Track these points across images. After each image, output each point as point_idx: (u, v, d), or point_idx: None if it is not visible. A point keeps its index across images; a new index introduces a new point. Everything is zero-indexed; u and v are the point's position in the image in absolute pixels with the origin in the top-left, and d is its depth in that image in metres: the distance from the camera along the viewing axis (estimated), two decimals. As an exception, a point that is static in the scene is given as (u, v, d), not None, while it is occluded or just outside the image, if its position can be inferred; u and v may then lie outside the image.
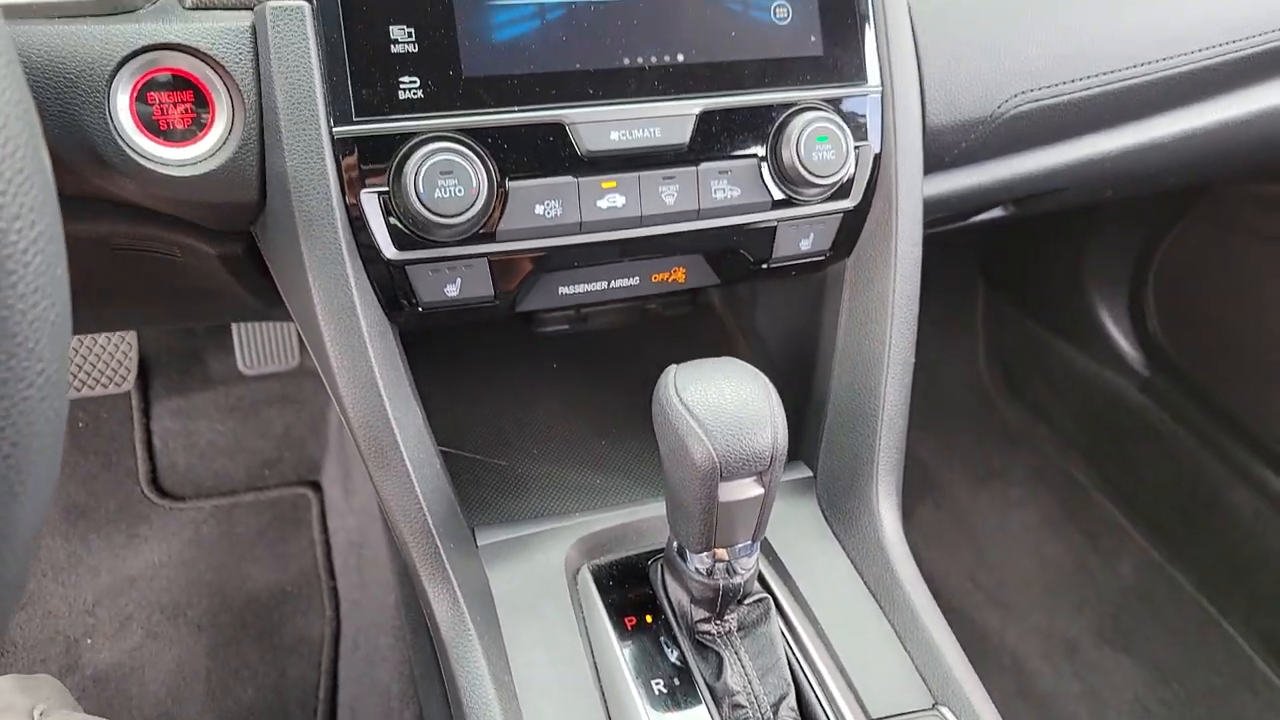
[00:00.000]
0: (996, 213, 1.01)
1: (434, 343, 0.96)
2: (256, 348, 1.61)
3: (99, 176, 0.64)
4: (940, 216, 0.92)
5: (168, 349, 1.60)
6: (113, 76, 0.61)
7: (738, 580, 0.67)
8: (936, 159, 0.81)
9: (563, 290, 0.75)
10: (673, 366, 0.65)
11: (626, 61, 0.69)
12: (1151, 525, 1.61)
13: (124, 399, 1.58)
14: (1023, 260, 1.83)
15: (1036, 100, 0.81)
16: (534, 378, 0.95)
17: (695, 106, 0.70)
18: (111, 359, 1.56)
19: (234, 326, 1.63)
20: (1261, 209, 1.46)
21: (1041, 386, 1.83)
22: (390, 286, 0.68)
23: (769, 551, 0.77)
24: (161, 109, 0.63)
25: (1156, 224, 1.63)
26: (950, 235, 1.04)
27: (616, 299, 0.78)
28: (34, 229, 0.34)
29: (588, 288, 0.76)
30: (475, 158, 0.64)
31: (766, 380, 0.62)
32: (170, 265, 0.77)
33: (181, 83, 0.63)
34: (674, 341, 0.99)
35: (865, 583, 0.74)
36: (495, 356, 0.97)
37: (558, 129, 0.67)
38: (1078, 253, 1.73)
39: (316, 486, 1.60)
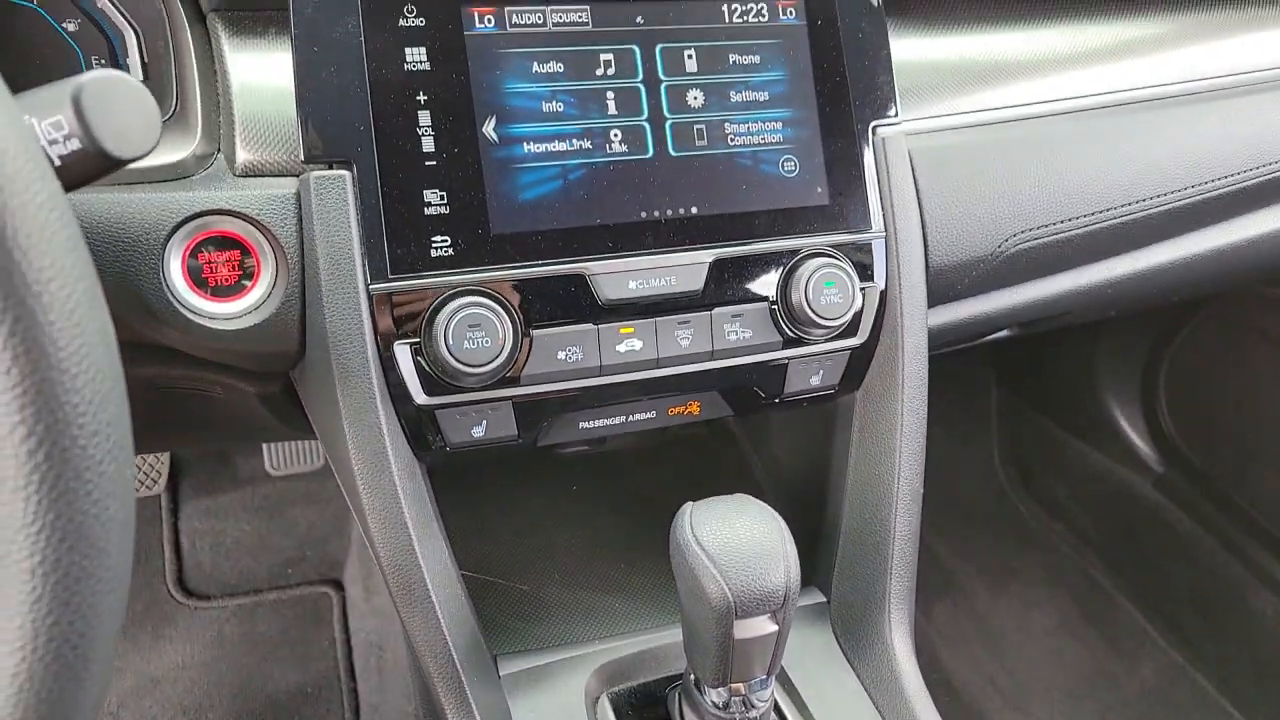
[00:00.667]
0: (1003, 333, 1.04)
1: (455, 465, 0.99)
2: (284, 450, 1.65)
3: (148, 327, 0.68)
4: (947, 341, 0.96)
5: (198, 453, 1.64)
6: (168, 239, 0.66)
7: (754, 714, 0.69)
8: (941, 293, 0.84)
9: (583, 425, 0.79)
10: (689, 505, 0.68)
11: (643, 215, 0.73)
12: (1172, 627, 1.60)
13: (154, 500, 1.62)
14: (1035, 359, 1.85)
15: (1036, 238, 0.85)
16: (554, 499, 0.98)
17: (708, 255, 0.74)
18: (143, 463, 1.60)
19: (263, 434, 1.67)
20: (1270, 310, 1.48)
21: (1057, 485, 1.83)
22: (419, 428, 0.71)
23: (784, 680, 0.78)
24: (211, 267, 0.68)
25: (1166, 325, 1.66)
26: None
27: (634, 430, 0.81)
28: (109, 440, 0.38)
29: (607, 422, 0.79)
30: (501, 310, 0.68)
31: (780, 519, 0.65)
32: (209, 401, 0.82)
33: (229, 242, 0.68)
34: (690, 460, 1.02)
35: (881, 715, 0.75)
36: (515, 477, 1.00)
37: (579, 280, 0.71)
38: (1089, 352, 1.75)
39: (338, 585, 1.62)
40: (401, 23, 0.68)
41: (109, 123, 0.47)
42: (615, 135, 0.73)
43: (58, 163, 0.48)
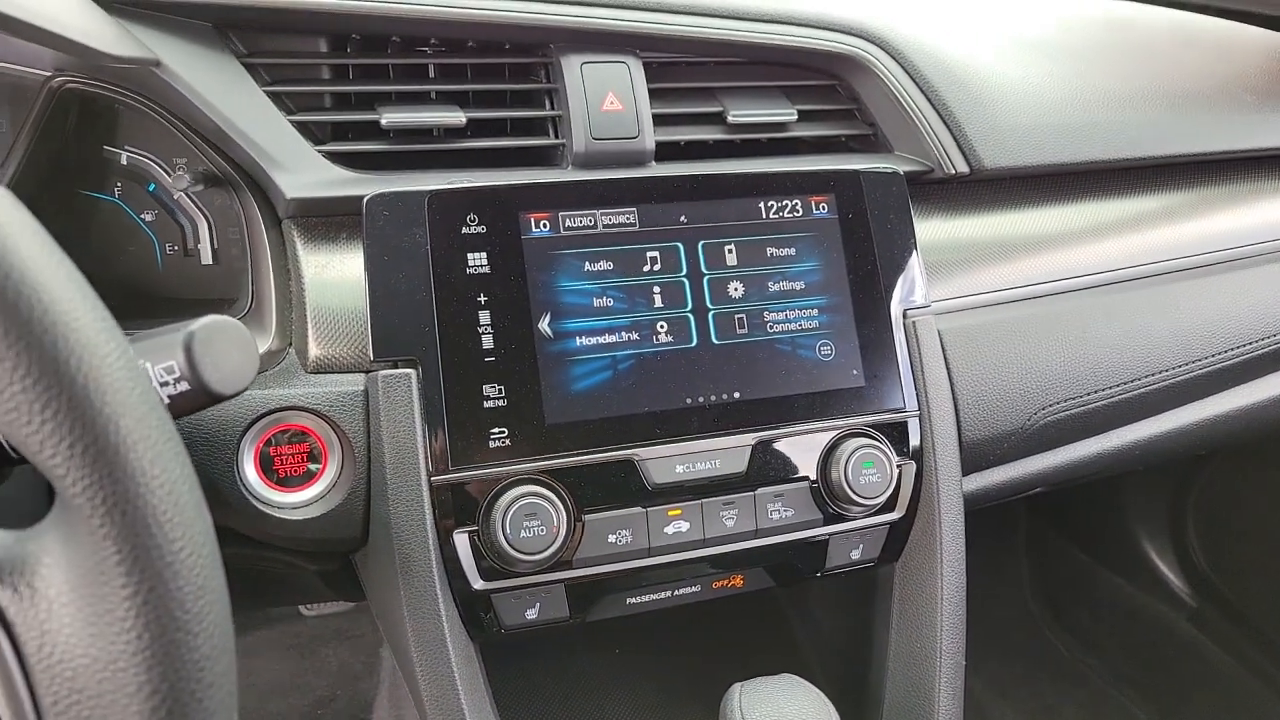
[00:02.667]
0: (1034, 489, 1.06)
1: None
2: (318, 589, 1.67)
3: (217, 514, 0.72)
4: (979, 502, 0.98)
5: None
6: (243, 434, 0.70)
7: None
8: (974, 463, 0.87)
9: (630, 601, 0.81)
10: (737, 687, 0.69)
11: (688, 401, 0.77)
12: (1215, 767, 1.56)
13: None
14: (1063, 490, 1.86)
15: (1064, 410, 0.88)
16: (599, 662, 0.99)
17: (751, 439, 0.78)
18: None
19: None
20: (1296, 443, 1.49)
21: (1089, 617, 1.82)
22: (475, 611, 0.73)
23: None
24: (280, 459, 0.71)
25: (1193, 456, 1.67)
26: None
27: (679, 604, 0.83)
28: (223, 690, 0.41)
29: (653, 597, 0.81)
30: (555, 498, 0.71)
31: (829, 704, 0.66)
32: (266, 574, 0.84)
33: (299, 435, 0.72)
34: (732, 618, 1.04)
35: None
36: (560, 640, 1.01)
37: (628, 465, 0.75)
38: (1116, 481, 1.76)
39: (368, 726, 1.61)
40: (464, 230, 0.74)
41: (215, 365, 0.52)
42: (661, 326, 0.77)
43: (166, 401, 0.52)
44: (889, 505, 0.81)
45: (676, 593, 0.82)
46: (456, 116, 0.79)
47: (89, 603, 0.38)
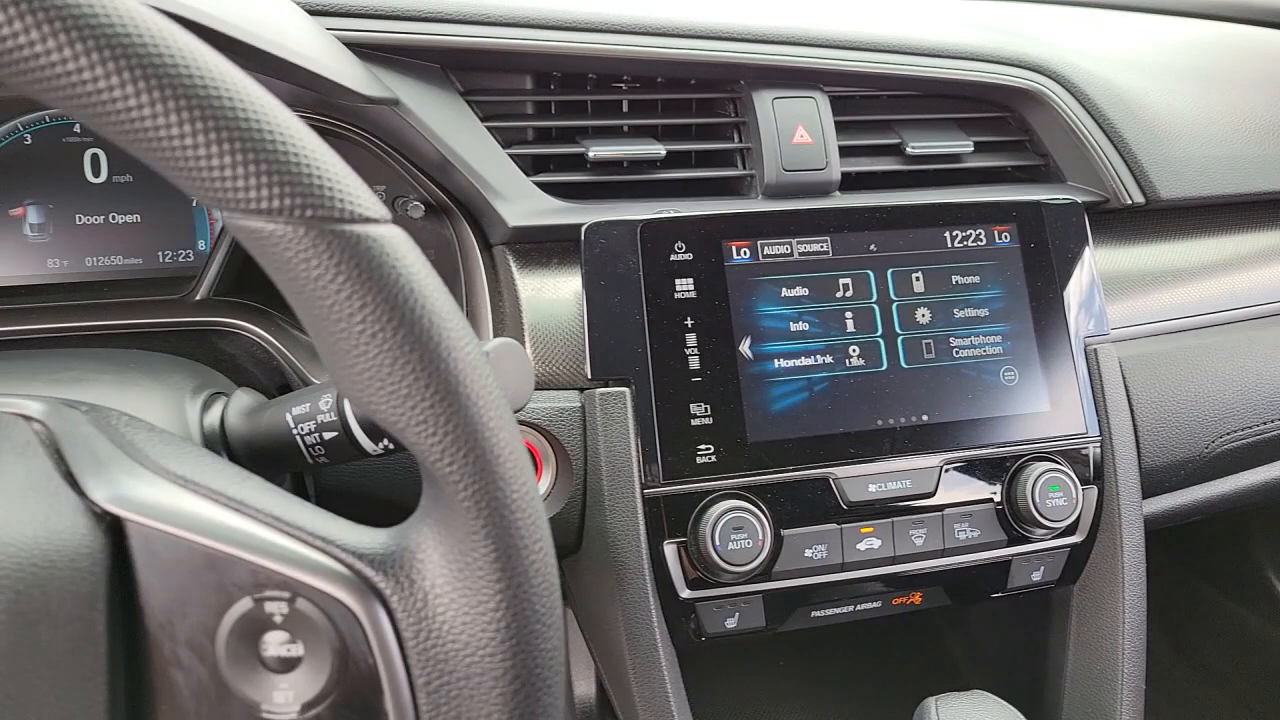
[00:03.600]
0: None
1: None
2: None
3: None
4: (1158, 526, 0.99)
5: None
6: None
7: None
8: (1152, 489, 0.89)
9: (814, 614, 0.84)
10: (931, 701, 0.72)
11: (879, 423, 0.80)
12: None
13: None
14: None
15: (1241, 439, 0.89)
16: (764, 674, 1.02)
17: (939, 460, 0.80)
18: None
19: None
20: None
21: (1211, 648, 1.79)
22: (677, 618, 0.77)
23: None
24: (501, 470, 0.76)
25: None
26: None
27: (859, 619, 0.86)
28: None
29: (836, 611, 0.84)
30: (760, 513, 0.75)
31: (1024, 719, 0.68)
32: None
33: (518, 448, 0.76)
34: (886, 634, 1.06)
35: None
36: (721, 653, 1.04)
37: (825, 483, 0.78)
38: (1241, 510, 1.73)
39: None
40: (673, 257, 0.78)
41: (505, 383, 0.56)
42: (854, 350, 0.80)
43: None
44: (1071, 528, 0.83)
45: (858, 607, 0.85)
46: (656, 149, 0.84)
47: (462, 595, 0.43)
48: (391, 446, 0.59)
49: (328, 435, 0.59)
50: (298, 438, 0.60)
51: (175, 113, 0.36)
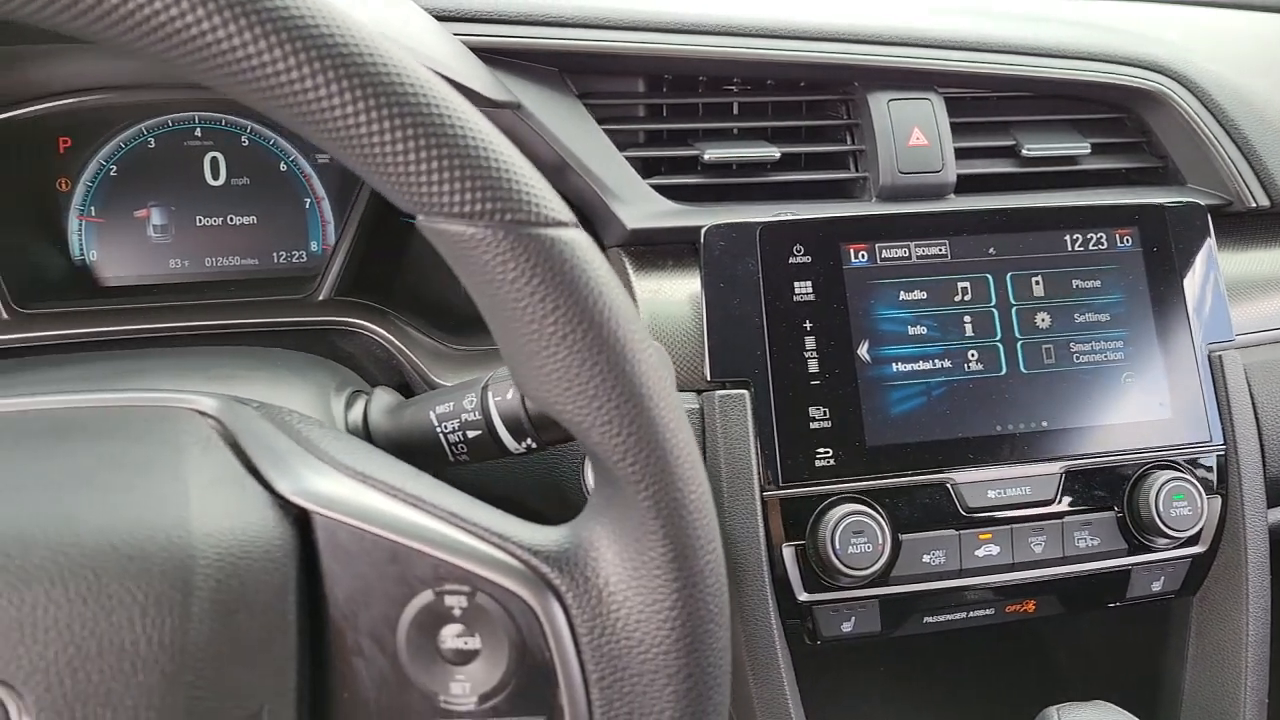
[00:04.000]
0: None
1: None
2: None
3: (564, 515, 0.78)
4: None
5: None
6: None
7: None
8: (1278, 500, 0.86)
9: (927, 620, 0.83)
10: (1052, 711, 0.71)
11: (999, 428, 0.79)
12: None
13: None
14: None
15: (1370, 449, 0.86)
16: (869, 679, 1.01)
17: (1059, 467, 0.79)
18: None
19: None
20: None
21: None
22: (794, 622, 0.77)
23: None
24: (619, 470, 0.77)
25: None
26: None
27: (970, 626, 0.85)
28: None
29: (949, 618, 0.83)
30: (879, 517, 0.75)
31: None
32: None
33: (635, 449, 0.77)
34: (992, 642, 1.04)
35: None
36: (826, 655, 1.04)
37: (943, 489, 0.77)
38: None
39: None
40: (791, 260, 0.78)
41: None
42: (972, 355, 0.80)
43: None
44: (1194, 538, 0.81)
45: (971, 614, 0.84)
46: (770, 151, 0.84)
47: (636, 593, 0.43)
48: (534, 445, 0.60)
49: (471, 434, 0.60)
50: (441, 435, 0.61)
51: (384, 120, 0.37)
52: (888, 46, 0.85)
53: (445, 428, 0.61)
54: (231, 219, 0.95)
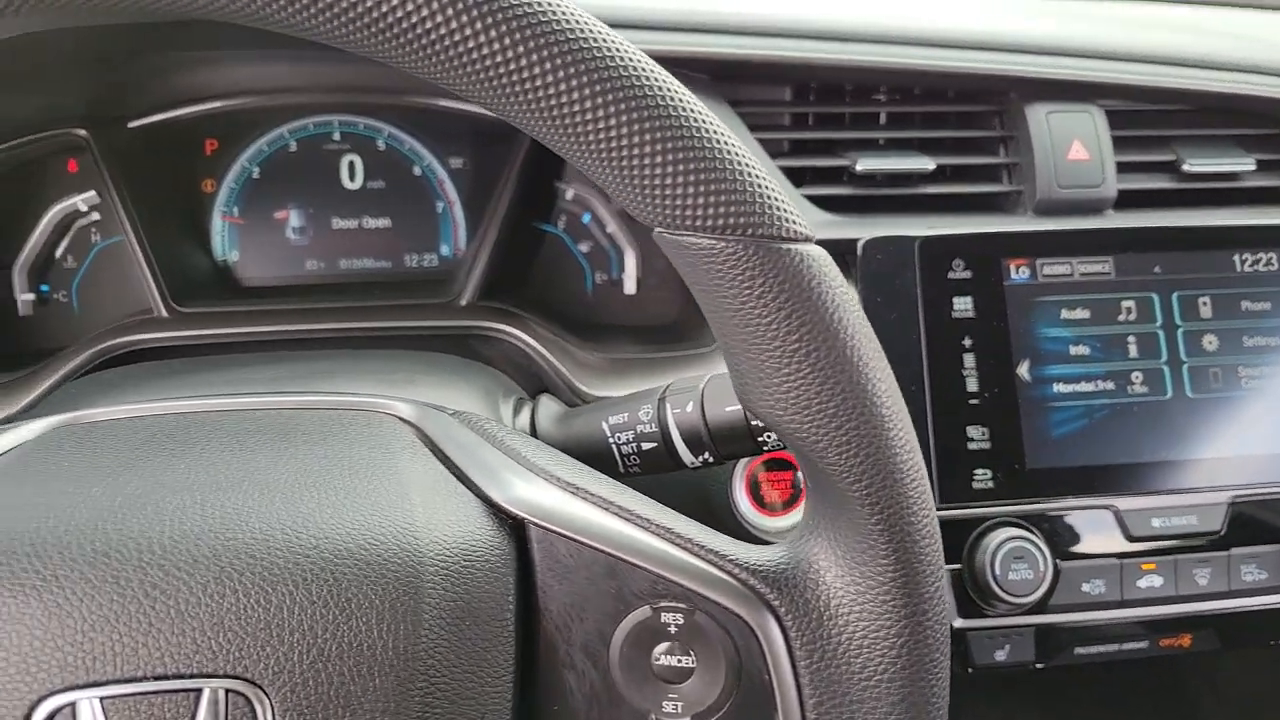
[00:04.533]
0: None
1: None
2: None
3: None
4: None
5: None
6: (735, 466, 0.74)
7: None
8: None
9: (1079, 650, 0.80)
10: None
11: (1164, 454, 0.76)
12: None
13: None
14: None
15: None
16: (1015, 707, 0.98)
17: (1227, 496, 0.76)
18: None
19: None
20: None
21: None
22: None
23: None
24: (767, 484, 0.76)
25: None
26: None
27: (1122, 658, 0.82)
28: None
29: (1102, 649, 0.80)
30: (1039, 542, 0.72)
31: None
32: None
33: (784, 464, 0.76)
34: (1122, 677, 1.00)
35: None
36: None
37: (1106, 516, 0.75)
38: None
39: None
40: (950, 275, 0.76)
41: None
42: (1136, 377, 0.77)
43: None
44: (1370, 576, 0.77)
45: (1124, 646, 0.80)
46: (925, 163, 0.82)
47: (860, 618, 0.42)
48: (710, 460, 0.59)
49: (646, 446, 0.59)
50: (614, 446, 0.60)
51: (638, 133, 0.36)
52: (1047, 57, 0.83)
53: (619, 439, 0.60)
54: (366, 221, 0.96)
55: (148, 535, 0.39)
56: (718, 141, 0.38)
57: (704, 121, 0.38)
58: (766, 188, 0.39)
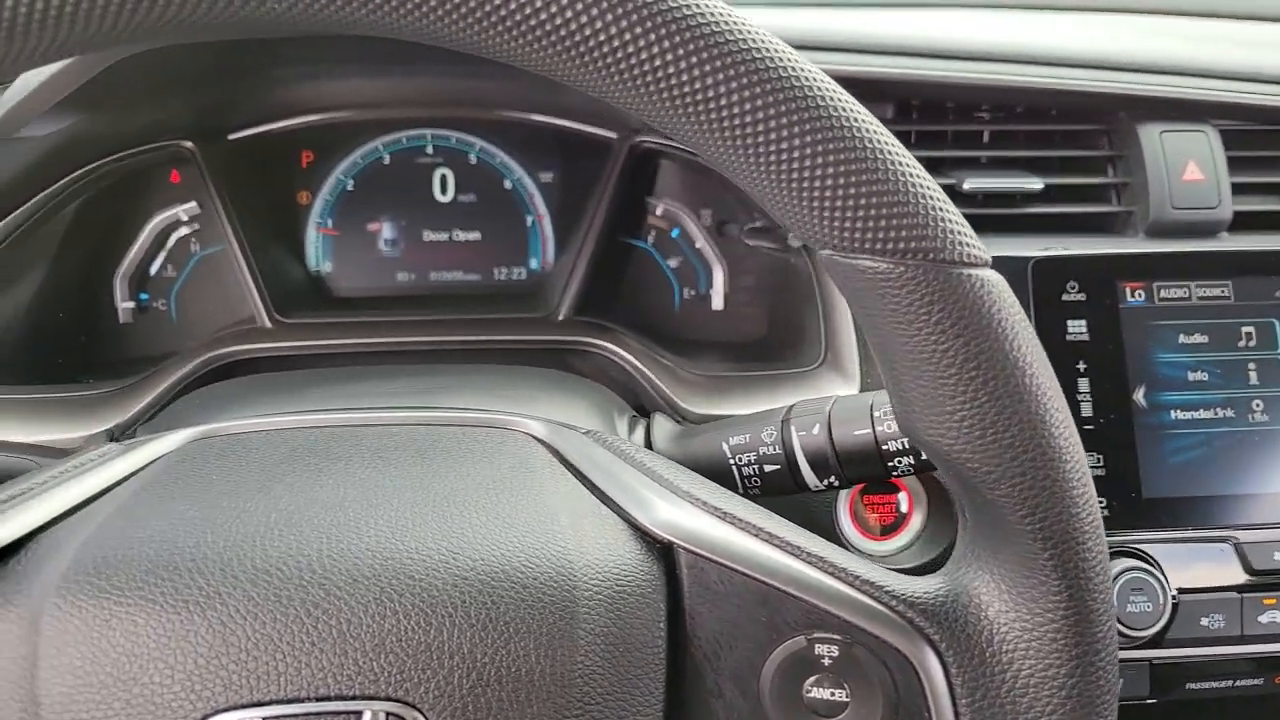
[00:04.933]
0: None
1: None
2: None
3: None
4: None
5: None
6: (838, 494, 0.73)
7: None
8: None
9: (1190, 686, 0.78)
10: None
11: (1286, 486, 0.73)
12: None
13: None
14: None
15: None
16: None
17: (1354, 530, 0.73)
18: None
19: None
20: None
21: None
22: (1054, 680, 0.73)
23: None
24: (871, 508, 0.74)
25: None
26: None
27: (1231, 695, 0.79)
28: None
29: (1214, 685, 0.78)
30: (1158, 574, 0.70)
31: None
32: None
33: (890, 487, 0.74)
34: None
35: None
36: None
37: (1227, 548, 0.72)
38: None
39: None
40: (1064, 297, 0.74)
41: None
42: (1257, 405, 0.74)
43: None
44: None
45: (1237, 683, 0.78)
46: (1033, 183, 0.80)
47: (1026, 655, 0.40)
48: (835, 483, 0.58)
49: (769, 468, 0.58)
50: (734, 467, 0.59)
51: (809, 152, 0.36)
52: (1160, 76, 0.81)
53: (739, 459, 0.59)
54: (457, 234, 0.96)
55: (305, 553, 0.39)
56: (894, 162, 0.37)
57: (880, 141, 0.37)
58: (943, 211, 0.38)
